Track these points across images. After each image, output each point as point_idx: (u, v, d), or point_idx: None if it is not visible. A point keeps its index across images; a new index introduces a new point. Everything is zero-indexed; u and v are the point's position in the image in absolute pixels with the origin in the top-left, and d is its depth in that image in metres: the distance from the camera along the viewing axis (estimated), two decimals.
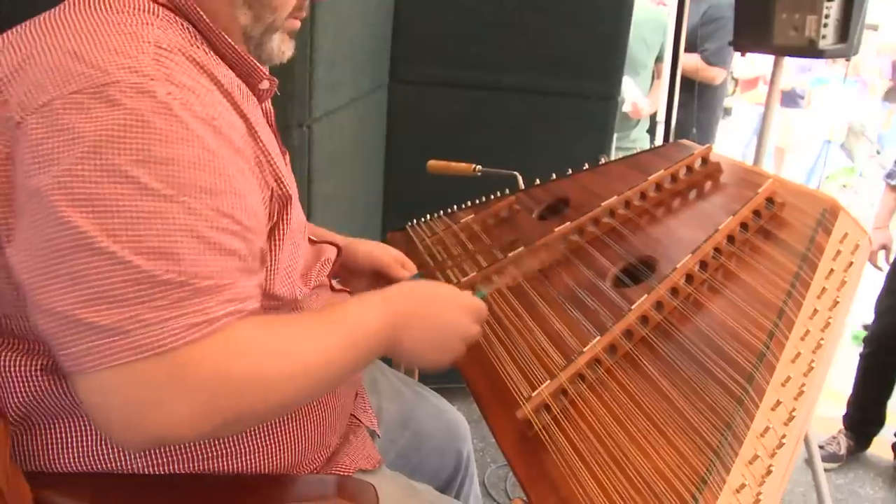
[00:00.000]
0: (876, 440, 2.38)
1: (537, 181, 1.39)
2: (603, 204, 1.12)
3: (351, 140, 1.91)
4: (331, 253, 1.02)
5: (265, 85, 0.87)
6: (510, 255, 1.14)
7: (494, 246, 1.22)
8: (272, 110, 0.94)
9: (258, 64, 0.84)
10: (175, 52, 0.72)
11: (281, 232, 0.82)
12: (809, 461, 1.63)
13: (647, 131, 3.03)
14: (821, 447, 2.29)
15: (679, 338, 0.85)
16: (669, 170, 1.11)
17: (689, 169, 1.11)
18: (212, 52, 0.80)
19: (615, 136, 2.33)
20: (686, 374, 0.80)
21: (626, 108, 2.79)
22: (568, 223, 1.13)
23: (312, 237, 1.06)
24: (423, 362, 0.89)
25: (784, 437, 0.71)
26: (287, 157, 1.05)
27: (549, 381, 0.85)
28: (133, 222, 0.65)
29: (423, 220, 1.51)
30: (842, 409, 2.40)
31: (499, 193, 1.42)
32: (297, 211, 0.87)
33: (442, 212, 1.49)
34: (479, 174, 1.50)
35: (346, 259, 1.15)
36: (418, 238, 1.41)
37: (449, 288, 0.94)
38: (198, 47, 0.78)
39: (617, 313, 0.91)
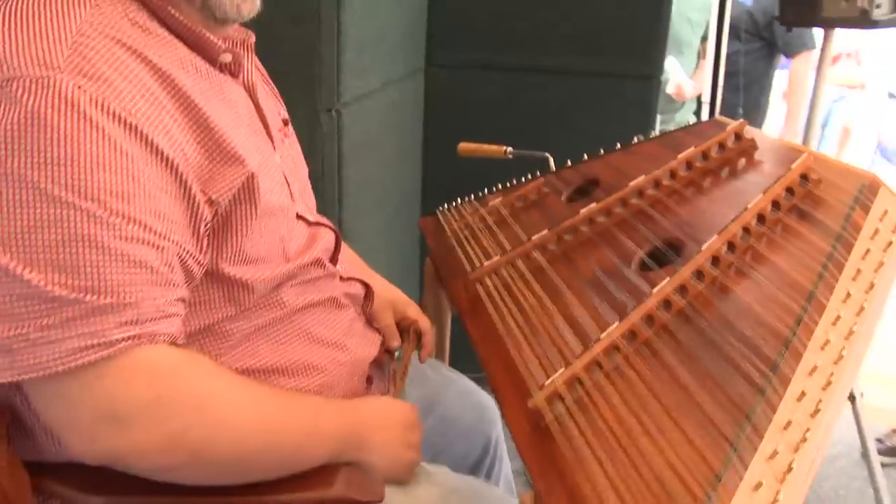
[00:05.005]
0: None
1: (568, 163, 1.34)
2: (631, 184, 1.07)
3: (384, 125, 1.89)
4: (328, 240, 0.99)
5: (227, 58, 0.83)
6: (534, 238, 1.10)
7: (520, 230, 1.18)
8: (255, 84, 0.91)
9: (211, 37, 0.80)
10: (102, 37, 0.69)
11: (245, 212, 0.78)
12: (865, 455, 1.55)
13: (694, 113, 2.93)
14: (879, 441, 2.19)
15: (702, 324, 0.80)
16: (700, 147, 1.06)
17: (722, 146, 1.06)
18: (163, 29, 0.77)
19: (659, 118, 2.25)
20: (706, 363, 0.76)
21: (669, 89, 2.70)
22: (594, 204, 1.08)
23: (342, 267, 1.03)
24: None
25: (808, 430, 0.65)
26: (288, 137, 1.02)
27: (562, 370, 0.81)
28: (26, 231, 0.62)
29: (454, 204, 1.47)
30: None
31: (529, 176, 1.37)
32: (272, 191, 0.83)
33: (473, 195, 1.45)
34: (510, 157, 1.46)
35: None
36: (447, 223, 1.38)
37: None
38: (142, 27, 0.74)
39: (639, 298, 0.87)
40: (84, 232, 0.64)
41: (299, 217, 0.95)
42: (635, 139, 1.27)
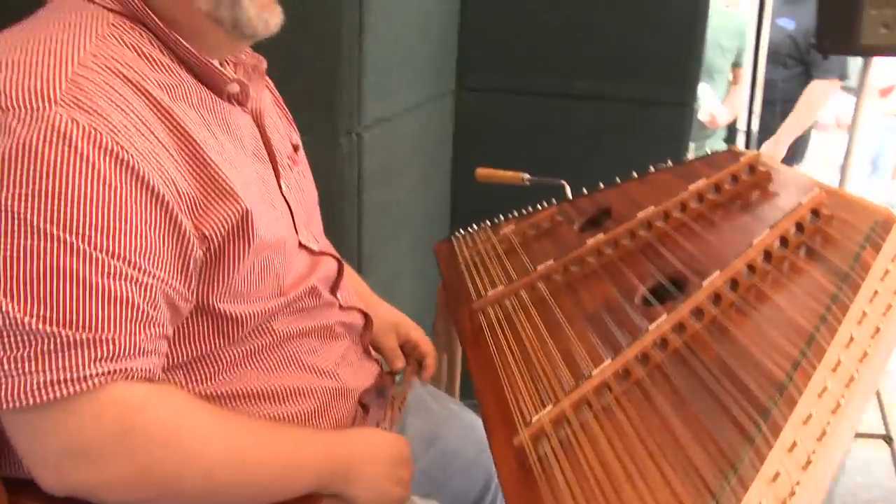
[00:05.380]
0: None
1: (584, 191, 1.31)
2: (639, 215, 1.04)
3: (410, 148, 1.88)
4: (329, 269, 0.98)
5: (234, 88, 0.83)
6: (539, 268, 1.07)
7: (529, 259, 1.16)
8: (262, 111, 0.91)
9: (219, 68, 0.81)
10: (103, 69, 0.69)
11: (239, 249, 0.77)
12: None
13: (725, 140, 2.87)
14: None
15: (696, 366, 0.76)
16: (713, 179, 1.02)
17: (735, 178, 1.02)
18: (171, 60, 0.78)
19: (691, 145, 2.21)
20: (698, 408, 0.72)
21: (702, 116, 2.65)
22: (601, 235, 1.05)
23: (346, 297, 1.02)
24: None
25: (798, 483, 0.61)
26: (298, 164, 1.02)
27: (550, 407, 0.79)
28: (7, 261, 0.62)
29: (469, 229, 1.46)
30: None
31: (545, 204, 1.35)
32: (269, 225, 0.82)
33: (489, 221, 1.43)
34: (527, 184, 1.43)
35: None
36: (460, 249, 1.36)
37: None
38: (148, 57, 0.75)
39: (636, 335, 0.83)
40: (66, 266, 0.64)
41: (302, 246, 0.94)
42: (651, 168, 1.23)
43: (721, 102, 2.78)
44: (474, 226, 1.44)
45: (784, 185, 0.98)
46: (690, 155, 2.17)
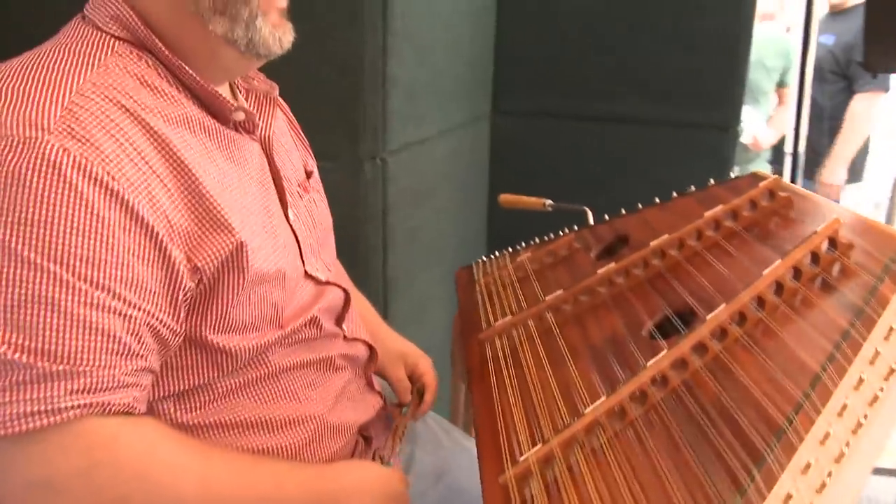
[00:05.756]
0: None
1: (606, 217, 1.27)
2: (652, 244, 0.99)
3: (440, 173, 1.86)
4: (335, 299, 0.95)
5: (239, 116, 0.82)
6: (548, 298, 1.03)
7: (541, 287, 1.11)
8: (270, 139, 0.90)
9: (224, 96, 0.80)
10: (101, 98, 0.69)
11: (233, 281, 0.76)
12: None
13: (770, 163, 2.76)
14: None
15: (693, 407, 0.71)
16: (730, 205, 0.97)
17: (754, 204, 0.96)
18: (176, 87, 0.77)
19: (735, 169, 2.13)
20: (690, 453, 0.67)
21: (745, 138, 2.56)
22: (612, 264, 1.01)
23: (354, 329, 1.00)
24: None
25: None
26: (310, 192, 0.99)
27: (539, 446, 0.74)
28: None
29: (493, 256, 1.42)
30: None
31: (576, 228, 1.30)
32: (268, 257, 0.80)
33: (510, 248, 1.39)
34: (549, 209, 1.39)
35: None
36: (478, 276, 1.33)
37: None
38: (151, 86, 0.74)
39: (634, 371, 0.78)
40: (48, 295, 0.63)
41: (309, 276, 0.92)
42: (674, 194, 1.18)
43: (765, 124, 2.69)
44: (496, 252, 1.41)
45: (805, 211, 0.91)
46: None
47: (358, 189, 1.54)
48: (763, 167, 2.81)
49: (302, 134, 1.09)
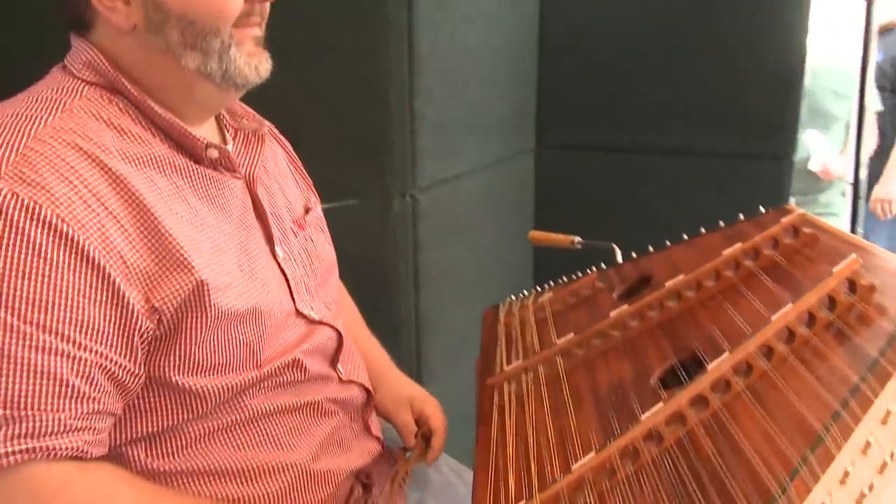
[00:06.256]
0: None
1: (633, 255, 1.20)
2: (668, 285, 0.93)
3: (478, 208, 1.83)
4: (326, 339, 0.92)
5: (213, 154, 0.81)
6: (559, 342, 0.98)
7: (556, 330, 1.06)
8: (256, 177, 0.88)
9: (195, 134, 0.79)
10: (58, 143, 0.69)
11: (196, 320, 0.74)
12: None
13: (843, 194, 2.61)
14: None
15: (683, 469, 0.65)
16: (750, 243, 0.90)
17: (776, 242, 0.89)
18: (143, 127, 0.77)
19: (794, 199, 2.02)
20: None
21: (814, 167, 2.43)
22: (625, 306, 0.95)
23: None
24: None
25: None
26: (305, 228, 0.98)
27: (523, 503, 0.69)
28: None
29: (521, 294, 1.37)
30: None
31: (593, 269, 1.25)
32: (239, 296, 0.79)
33: (538, 286, 1.34)
34: (579, 247, 1.34)
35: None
36: (503, 315, 1.28)
37: None
38: (117, 127, 0.75)
39: (629, 425, 0.73)
40: None
41: (300, 314, 0.90)
42: (701, 230, 1.11)
43: (839, 151, 2.55)
44: (525, 291, 1.36)
45: (830, 250, 0.84)
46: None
47: (386, 226, 1.52)
48: (835, 198, 2.67)
49: (303, 170, 1.08)
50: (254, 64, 0.81)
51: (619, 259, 1.25)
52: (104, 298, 0.68)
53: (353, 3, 1.39)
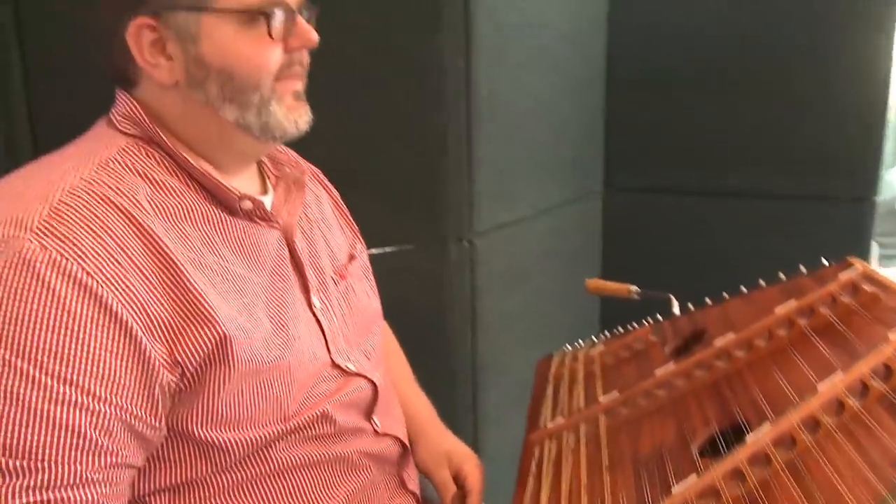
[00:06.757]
0: None
1: (690, 306, 1.15)
2: (717, 344, 0.88)
3: (540, 253, 1.80)
4: (361, 390, 0.91)
5: (247, 205, 0.82)
6: (602, 400, 0.94)
7: (603, 386, 1.02)
8: (293, 227, 0.89)
9: (228, 186, 0.80)
10: (90, 196, 0.71)
11: (219, 374, 0.74)
12: None
13: None
14: None
15: None
16: (805, 300, 0.84)
17: (833, 300, 0.83)
18: (178, 177, 0.79)
19: (876, 242, 1.90)
20: None
21: None
22: (671, 365, 0.90)
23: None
24: None
25: None
26: (346, 278, 0.97)
27: None
28: None
29: (576, 344, 1.33)
30: None
31: (648, 321, 1.20)
32: (268, 349, 0.78)
33: (603, 334, 1.30)
34: (636, 297, 1.29)
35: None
36: (555, 366, 1.24)
37: None
38: (150, 179, 0.76)
39: (662, 497, 0.68)
40: (12, 390, 0.64)
41: (335, 366, 0.89)
42: (761, 282, 1.05)
43: None
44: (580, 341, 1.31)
45: (891, 312, 0.78)
46: (877, 253, 1.87)
47: (442, 272, 1.50)
48: None
49: (349, 216, 1.08)
50: (293, 118, 0.82)
51: (677, 310, 1.20)
52: (126, 352, 0.69)
53: (409, 48, 1.40)
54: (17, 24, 1.16)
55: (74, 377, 0.65)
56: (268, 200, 0.90)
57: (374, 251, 1.17)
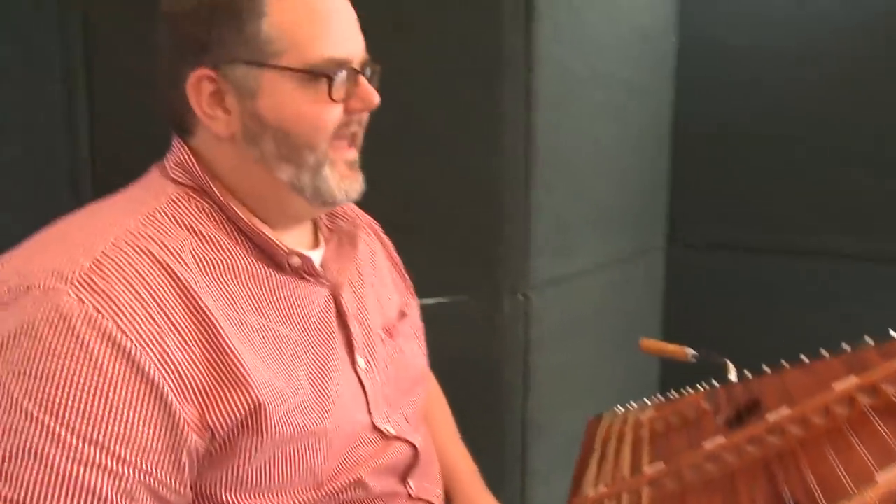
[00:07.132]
0: None
1: (747, 373, 1.10)
2: (770, 419, 0.83)
3: (597, 308, 1.76)
4: (400, 454, 0.89)
5: (295, 262, 0.81)
6: (647, 470, 0.89)
7: (650, 454, 0.98)
8: (341, 284, 0.87)
9: (277, 242, 0.79)
10: (133, 249, 0.70)
11: (250, 441, 0.72)
12: None
13: None
14: None
15: None
16: (868, 377, 0.79)
17: None
18: (226, 232, 0.78)
19: None
20: None
21: None
22: (720, 438, 0.86)
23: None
24: None
25: None
26: (395, 337, 0.95)
27: None
28: None
29: (628, 405, 1.28)
30: None
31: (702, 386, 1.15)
32: (306, 414, 0.77)
33: (662, 395, 1.25)
34: (693, 360, 1.24)
35: None
36: (604, 427, 1.20)
37: None
38: (198, 233, 0.76)
39: None
40: (37, 448, 0.63)
41: (376, 429, 0.87)
42: (823, 352, 1.00)
43: None
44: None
45: None
46: None
47: (496, 325, 1.48)
48: None
49: (403, 271, 1.07)
50: (344, 187, 0.82)
51: (733, 377, 1.14)
52: (155, 415, 0.67)
53: (468, 99, 1.40)
54: (88, 71, 1.21)
55: (99, 438, 0.64)
56: (318, 255, 0.88)
57: (427, 301, 1.16)
